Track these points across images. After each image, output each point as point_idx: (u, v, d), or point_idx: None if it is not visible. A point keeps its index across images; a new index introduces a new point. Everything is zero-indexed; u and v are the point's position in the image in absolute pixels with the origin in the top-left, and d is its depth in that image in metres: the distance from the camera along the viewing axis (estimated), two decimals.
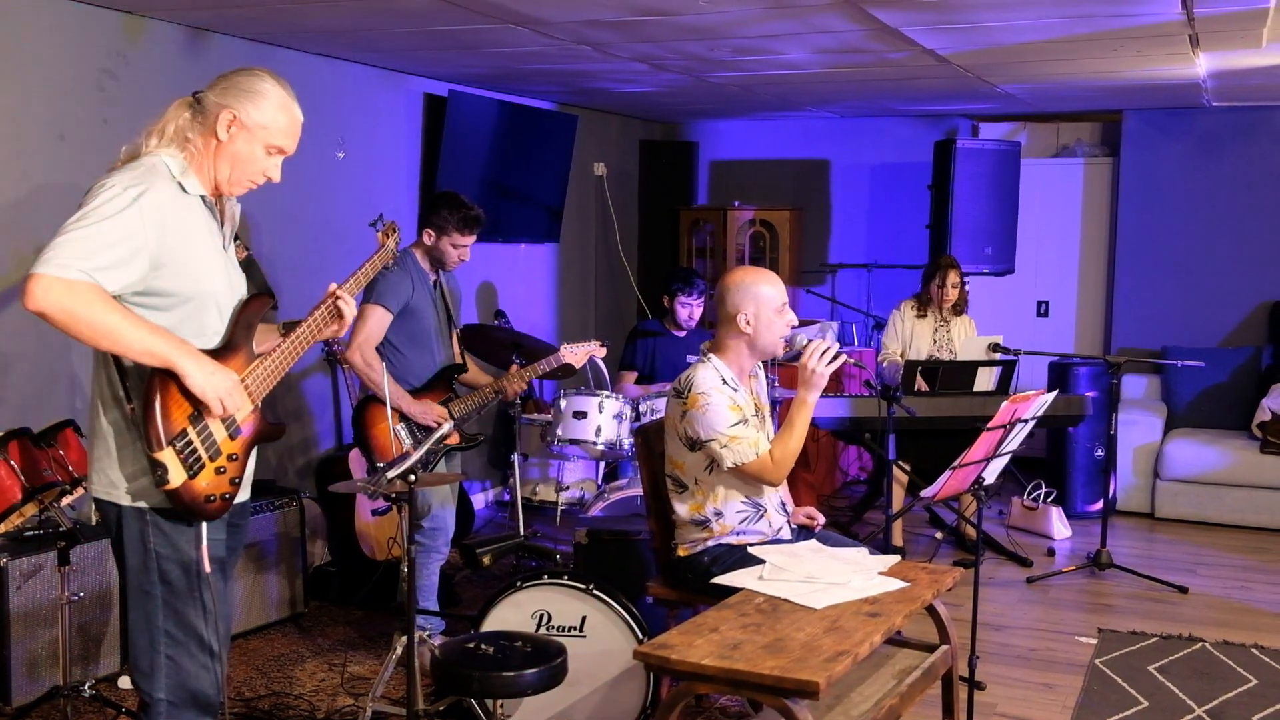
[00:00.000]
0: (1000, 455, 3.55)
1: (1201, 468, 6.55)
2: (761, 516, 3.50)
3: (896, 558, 3.37)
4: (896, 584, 3.12)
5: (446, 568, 5.47)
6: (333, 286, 2.78)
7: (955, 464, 3.32)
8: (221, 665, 2.63)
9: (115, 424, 2.50)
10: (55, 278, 2.25)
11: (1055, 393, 3.79)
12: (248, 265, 2.71)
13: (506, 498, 6.87)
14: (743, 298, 3.40)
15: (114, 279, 2.33)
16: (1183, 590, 5.38)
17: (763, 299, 3.40)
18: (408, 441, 4.18)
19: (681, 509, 3.50)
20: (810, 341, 3.37)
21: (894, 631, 2.89)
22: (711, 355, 3.49)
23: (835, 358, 3.31)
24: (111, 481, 2.50)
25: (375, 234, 3.59)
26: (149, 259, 2.38)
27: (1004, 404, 3.32)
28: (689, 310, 5.62)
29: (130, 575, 2.54)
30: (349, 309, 2.76)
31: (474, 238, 4.31)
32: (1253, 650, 4.60)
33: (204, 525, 2.53)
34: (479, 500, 6.84)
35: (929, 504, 6.15)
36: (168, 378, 2.41)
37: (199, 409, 2.47)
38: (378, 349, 4.18)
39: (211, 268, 2.53)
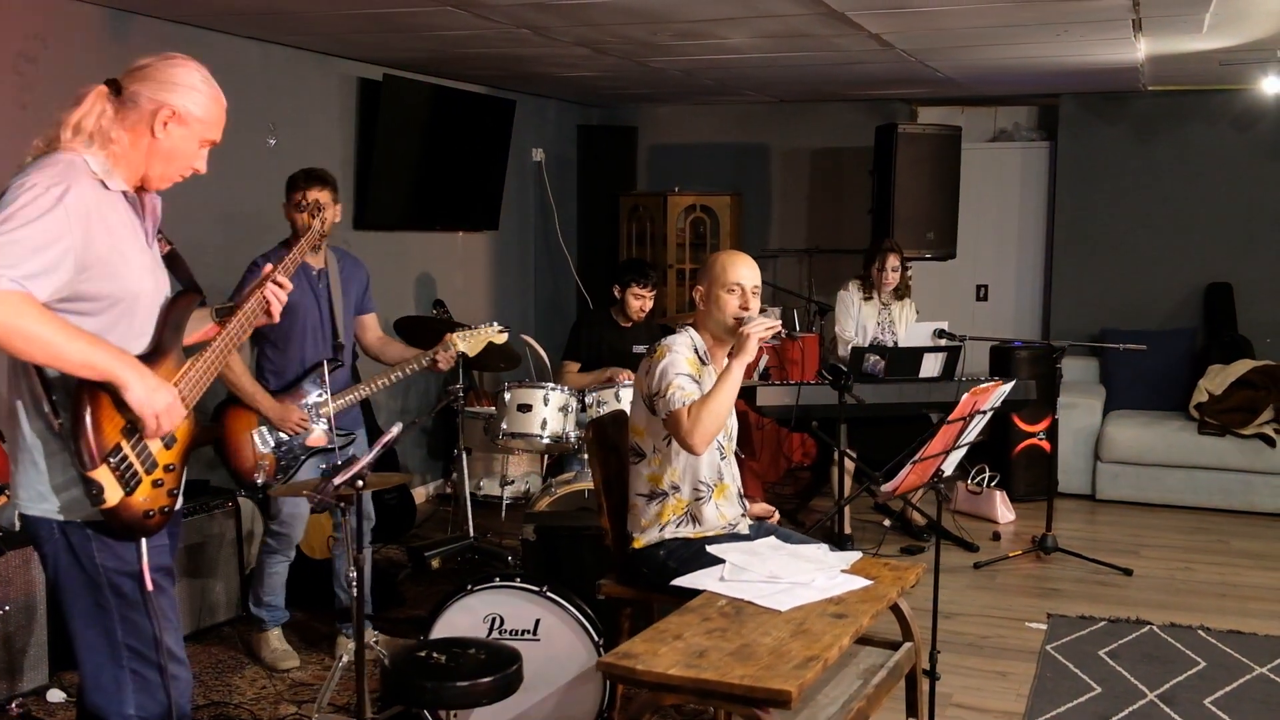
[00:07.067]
0: (959, 447, 3.51)
1: (1140, 449, 6.62)
2: (712, 498, 3.44)
3: (858, 555, 3.32)
4: (860, 582, 3.06)
5: (389, 566, 5.35)
6: (268, 268, 2.68)
7: (916, 458, 3.27)
8: (187, 670, 2.51)
9: (42, 436, 2.35)
10: None
11: (1014, 382, 3.78)
12: (171, 260, 2.56)
13: (449, 492, 6.72)
14: (702, 274, 3.50)
15: (44, 286, 2.18)
16: (1127, 572, 5.42)
17: (714, 276, 3.44)
18: (267, 445, 4.00)
19: (639, 484, 3.45)
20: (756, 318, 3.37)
21: (861, 633, 2.83)
22: (689, 327, 3.53)
23: (770, 329, 3.30)
24: (43, 496, 2.35)
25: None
26: (75, 262, 2.23)
27: (965, 396, 3.29)
28: (641, 302, 5.48)
29: (77, 593, 2.39)
30: (279, 301, 2.64)
31: (323, 191, 4.03)
32: (1199, 632, 4.64)
33: (143, 539, 2.39)
34: (419, 494, 6.69)
35: (884, 496, 6.14)
36: (97, 390, 2.27)
37: (132, 422, 2.32)
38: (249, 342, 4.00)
39: (138, 267, 2.39)
